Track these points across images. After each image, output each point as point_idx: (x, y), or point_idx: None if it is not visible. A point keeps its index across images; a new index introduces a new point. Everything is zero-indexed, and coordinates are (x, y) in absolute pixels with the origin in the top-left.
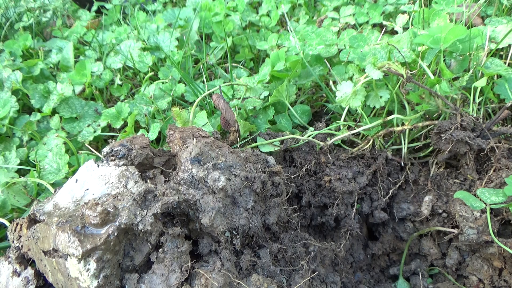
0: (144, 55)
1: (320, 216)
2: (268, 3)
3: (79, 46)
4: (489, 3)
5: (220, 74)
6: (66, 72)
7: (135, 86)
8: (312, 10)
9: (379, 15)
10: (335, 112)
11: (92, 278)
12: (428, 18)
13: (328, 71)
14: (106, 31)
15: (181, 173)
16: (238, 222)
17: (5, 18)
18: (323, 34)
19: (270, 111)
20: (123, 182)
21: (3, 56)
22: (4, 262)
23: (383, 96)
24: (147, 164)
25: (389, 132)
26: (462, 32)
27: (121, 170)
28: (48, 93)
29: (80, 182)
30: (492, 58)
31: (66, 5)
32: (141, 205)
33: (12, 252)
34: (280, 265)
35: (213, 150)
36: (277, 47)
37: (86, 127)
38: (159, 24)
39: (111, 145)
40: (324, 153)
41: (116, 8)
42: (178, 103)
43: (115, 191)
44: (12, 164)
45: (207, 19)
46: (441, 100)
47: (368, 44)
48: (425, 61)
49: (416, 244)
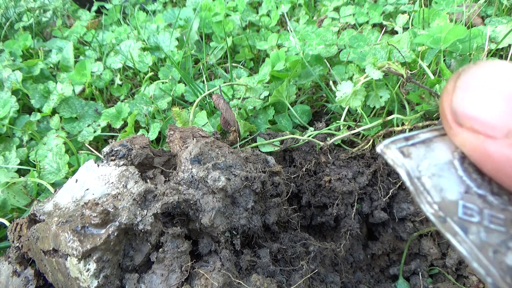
0: (144, 55)
1: (320, 216)
2: (268, 3)
3: (79, 46)
4: (489, 3)
5: (220, 74)
6: (66, 72)
7: (135, 86)
8: (312, 10)
9: (379, 15)
10: (335, 112)
11: (92, 278)
12: (428, 18)
13: (328, 71)
14: (106, 31)
15: (181, 173)
16: (238, 222)
17: (5, 18)
18: (323, 34)
19: (270, 111)
20: (123, 182)
21: (3, 56)
22: (4, 262)
23: (383, 96)
24: (147, 164)
25: (389, 132)
26: (462, 32)
27: (121, 170)
28: (48, 93)
29: (80, 182)
30: (492, 58)
31: (66, 5)
32: (141, 205)
33: (12, 252)
34: (280, 265)
35: (213, 150)
36: (277, 47)
37: (86, 127)
38: (159, 24)
39: (111, 145)
40: (324, 153)
41: (116, 8)
42: (178, 103)
43: (115, 191)
44: (12, 164)
45: (207, 19)
46: None
47: (368, 44)
48: (425, 61)
49: (416, 244)
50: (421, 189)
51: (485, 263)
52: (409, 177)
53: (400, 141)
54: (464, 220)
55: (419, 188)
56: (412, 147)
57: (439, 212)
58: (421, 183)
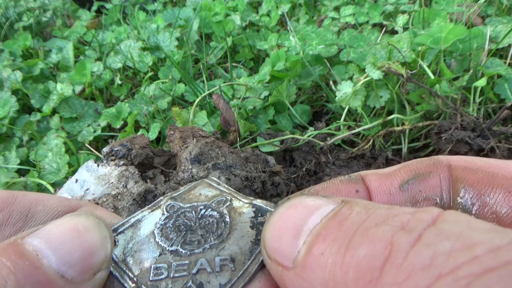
0: (144, 55)
1: None
2: (268, 3)
3: (79, 46)
4: (489, 3)
5: (220, 74)
6: (66, 72)
7: (135, 86)
8: (312, 10)
9: (379, 15)
10: (335, 112)
11: None
12: (428, 18)
13: (328, 71)
14: (106, 31)
15: (181, 173)
16: None
17: (5, 18)
18: (323, 34)
19: (270, 111)
20: (123, 182)
21: (3, 56)
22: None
23: (383, 96)
24: (147, 164)
25: (389, 132)
26: (462, 32)
27: (121, 170)
28: (48, 93)
29: (80, 182)
30: (492, 58)
31: (66, 5)
32: (141, 205)
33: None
34: None
35: (213, 150)
36: (277, 47)
37: (86, 127)
38: (159, 24)
39: (111, 145)
40: (324, 153)
41: (116, 8)
42: (178, 103)
43: (115, 191)
44: (12, 164)
45: (207, 19)
46: (441, 100)
47: (368, 44)
48: (425, 61)
49: None
50: (124, 269)
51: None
52: (116, 264)
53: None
54: (155, 281)
55: (122, 270)
56: (120, 235)
57: (137, 284)
58: (125, 264)
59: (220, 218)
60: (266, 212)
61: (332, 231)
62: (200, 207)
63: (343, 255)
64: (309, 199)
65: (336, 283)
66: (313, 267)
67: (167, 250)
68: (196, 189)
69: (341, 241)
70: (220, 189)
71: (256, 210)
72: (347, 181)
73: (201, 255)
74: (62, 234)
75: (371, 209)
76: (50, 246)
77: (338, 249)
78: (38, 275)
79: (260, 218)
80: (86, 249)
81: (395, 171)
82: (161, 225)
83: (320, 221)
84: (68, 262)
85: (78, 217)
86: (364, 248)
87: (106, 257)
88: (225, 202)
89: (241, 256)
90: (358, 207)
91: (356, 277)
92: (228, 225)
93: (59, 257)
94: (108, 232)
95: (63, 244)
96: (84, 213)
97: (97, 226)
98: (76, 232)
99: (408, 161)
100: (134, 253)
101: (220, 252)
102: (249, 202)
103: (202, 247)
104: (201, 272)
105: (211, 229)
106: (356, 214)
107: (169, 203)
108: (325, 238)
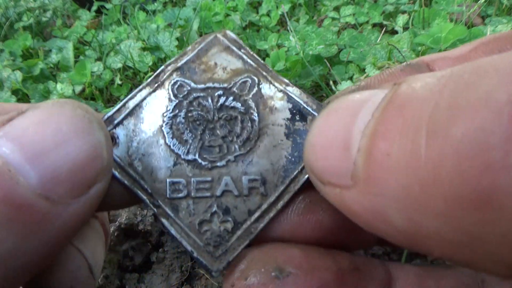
0: (144, 55)
1: None
2: (268, 3)
3: (79, 46)
4: (489, 3)
5: None
6: (66, 72)
7: (135, 86)
8: (312, 10)
9: (379, 15)
10: None
11: None
12: (428, 18)
13: (328, 71)
14: (106, 31)
15: None
16: None
17: (5, 18)
18: (323, 34)
19: None
20: None
21: (3, 56)
22: None
23: None
24: None
25: None
26: (462, 32)
27: None
28: (48, 93)
29: None
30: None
31: (66, 5)
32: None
33: None
34: None
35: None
36: (277, 47)
37: None
38: (159, 24)
39: None
40: None
41: (116, 8)
42: None
43: None
44: None
45: (207, 19)
46: None
47: (368, 44)
48: None
49: None
50: (134, 175)
51: (193, 237)
52: (122, 169)
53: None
54: (173, 199)
55: (131, 176)
56: (119, 128)
57: (153, 197)
58: (134, 170)
59: (246, 114)
60: (306, 116)
61: (392, 121)
62: (219, 92)
63: (423, 145)
64: (350, 97)
65: (423, 185)
66: (381, 175)
67: (183, 160)
68: (209, 54)
69: (413, 129)
70: (242, 58)
71: (292, 108)
72: (409, 68)
73: (225, 171)
74: (42, 137)
75: (443, 77)
76: (26, 156)
77: (413, 140)
78: (13, 198)
79: (298, 123)
80: (76, 158)
81: (471, 50)
82: (169, 119)
83: (372, 117)
84: (53, 179)
85: (61, 109)
86: (462, 123)
87: (103, 165)
88: (252, 86)
89: (273, 176)
90: (420, 82)
91: (457, 169)
92: (256, 126)
93: (41, 172)
94: (103, 132)
95: (45, 154)
96: (65, 103)
97: (88, 122)
98: (61, 134)
99: (485, 37)
100: (142, 156)
101: (247, 169)
102: (283, 90)
103: (225, 159)
104: (227, 194)
105: (234, 128)
106: (422, 90)
107: (175, 79)
108: (385, 134)
